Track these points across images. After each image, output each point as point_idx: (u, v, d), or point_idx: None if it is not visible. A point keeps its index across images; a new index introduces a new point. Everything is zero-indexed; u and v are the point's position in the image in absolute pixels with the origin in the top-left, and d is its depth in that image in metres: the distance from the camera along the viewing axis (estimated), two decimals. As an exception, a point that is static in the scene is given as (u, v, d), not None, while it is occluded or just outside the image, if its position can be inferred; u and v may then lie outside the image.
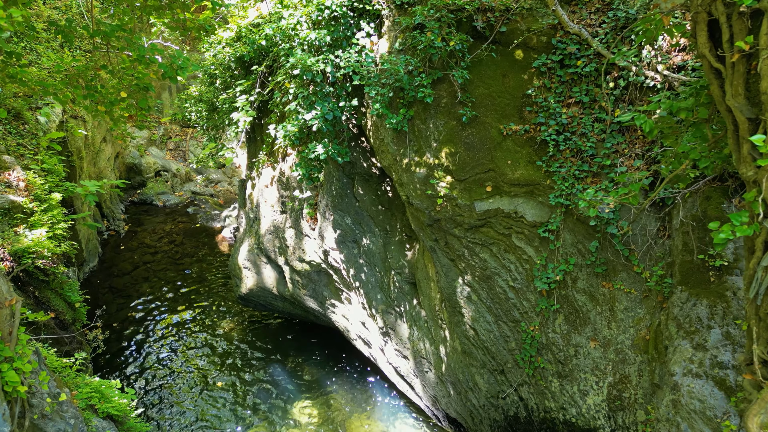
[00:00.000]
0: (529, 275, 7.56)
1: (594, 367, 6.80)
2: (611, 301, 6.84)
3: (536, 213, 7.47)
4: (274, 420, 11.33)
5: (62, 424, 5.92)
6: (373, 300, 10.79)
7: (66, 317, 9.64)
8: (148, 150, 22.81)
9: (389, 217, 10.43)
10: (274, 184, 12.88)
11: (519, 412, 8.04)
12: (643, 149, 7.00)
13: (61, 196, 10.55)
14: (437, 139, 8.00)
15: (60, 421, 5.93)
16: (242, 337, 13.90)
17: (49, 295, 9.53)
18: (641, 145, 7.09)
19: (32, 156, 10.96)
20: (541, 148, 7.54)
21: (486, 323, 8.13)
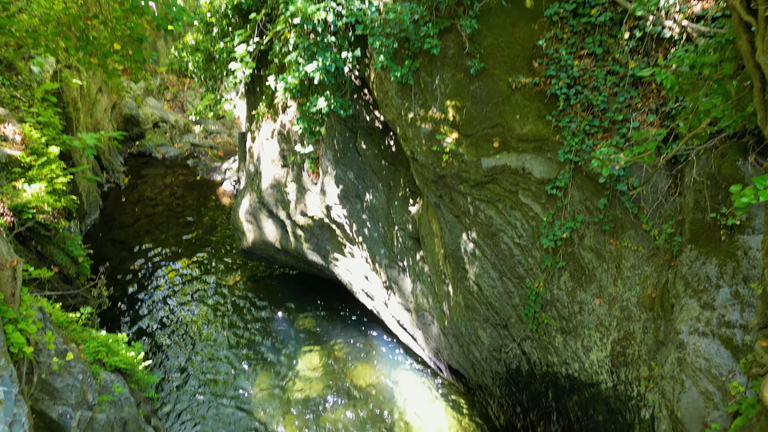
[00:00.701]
0: (534, 232, 7.48)
1: (598, 323, 6.82)
2: (618, 258, 6.78)
3: (544, 169, 7.31)
4: (278, 369, 11.54)
5: (70, 380, 5.98)
6: (377, 255, 10.78)
7: (70, 272, 9.64)
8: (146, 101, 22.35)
9: (393, 172, 10.27)
10: (274, 137, 12.65)
11: (521, 366, 8.14)
12: (657, 104, 6.78)
13: (58, 149, 10.35)
14: (443, 93, 7.75)
15: (68, 377, 5.98)
16: (246, 289, 14.00)
17: (52, 250, 9.50)
18: (655, 100, 6.86)
19: (27, 108, 10.69)
20: (551, 103, 7.30)
21: (490, 279, 8.12)
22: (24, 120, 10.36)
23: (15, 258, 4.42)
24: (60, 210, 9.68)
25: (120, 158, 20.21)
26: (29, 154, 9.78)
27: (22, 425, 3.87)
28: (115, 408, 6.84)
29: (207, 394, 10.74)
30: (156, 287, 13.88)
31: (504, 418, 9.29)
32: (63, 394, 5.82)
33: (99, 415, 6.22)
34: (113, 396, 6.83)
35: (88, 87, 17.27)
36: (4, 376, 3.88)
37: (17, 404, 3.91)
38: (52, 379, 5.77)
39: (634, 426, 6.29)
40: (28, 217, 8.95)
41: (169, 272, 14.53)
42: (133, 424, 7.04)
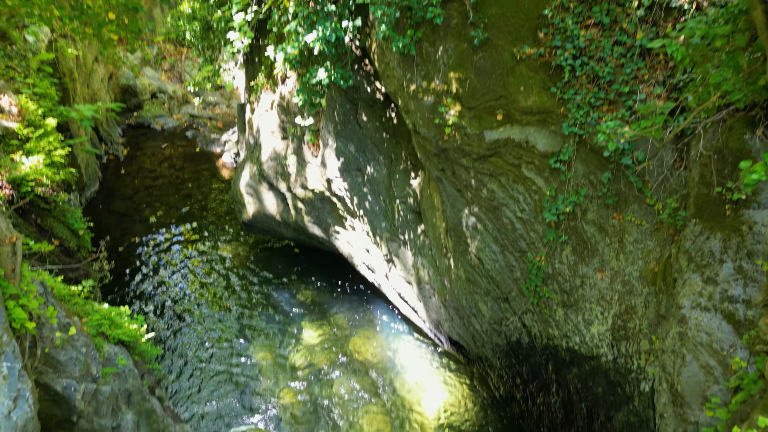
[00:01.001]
0: (537, 206, 7.43)
1: (600, 297, 6.83)
2: (621, 232, 6.75)
3: (548, 143, 7.22)
4: (280, 340, 11.65)
5: (74, 353, 6.02)
6: (378, 228, 10.75)
7: (70, 245, 9.63)
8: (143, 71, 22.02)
9: (394, 144, 10.16)
10: (274, 108, 12.48)
11: (522, 338, 8.20)
12: (664, 75, 6.64)
13: (56, 121, 10.22)
14: (446, 64, 7.60)
15: (72, 350, 6.02)
16: (246, 262, 14.03)
17: (52, 223, 9.47)
18: (663, 71, 6.72)
19: (23, 79, 10.51)
20: (556, 74, 7.16)
21: (491, 253, 8.10)
22: (20, 91, 10.20)
23: (14, 234, 4.38)
24: (59, 183, 9.61)
25: (118, 130, 20.02)
26: (26, 126, 9.66)
27: (26, 400, 3.89)
28: (119, 380, 6.90)
29: (209, 364, 10.86)
30: (157, 259, 13.91)
31: (503, 389, 9.40)
32: (67, 367, 5.86)
33: (103, 387, 6.27)
34: (117, 368, 6.89)
35: (84, 57, 16.99)
36: (7, 351, 3.88)
37: (21, 379, 3.92)
38: (55, 352, 5.80)
39: (633, 398, 6.36)
40: (27, 190, 8.89)
41: (170, 244, 14.54)
42: (137, 396, 7.11)
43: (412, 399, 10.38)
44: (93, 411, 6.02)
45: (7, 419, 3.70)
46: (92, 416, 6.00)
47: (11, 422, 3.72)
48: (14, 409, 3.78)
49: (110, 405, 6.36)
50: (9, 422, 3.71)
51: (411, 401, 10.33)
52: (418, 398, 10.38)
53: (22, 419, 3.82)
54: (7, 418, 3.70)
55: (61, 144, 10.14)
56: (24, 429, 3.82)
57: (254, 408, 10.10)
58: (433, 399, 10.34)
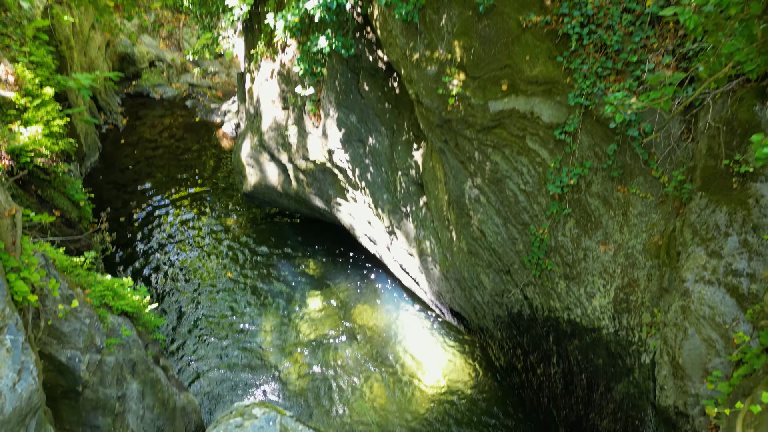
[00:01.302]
0: (541, 178, 7.36)
1: (602, 270, 6.81)
2: (625, 205, 6.69)
3: (553, 113, 7.10)
4: (282, 311, 11.73)
5: (77, 324, 6.05)
6: (379, 200, 10.70)
7: (72, 216, 9.60)
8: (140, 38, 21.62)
9: (396, 115, 10.02)
10: (274, 77, 12.29)
11: (523, 310, 8.22)
12: (674, 44, 6.48)
13: (53, 90, 10.07)
14: (450, 32, 7.42)
15: (75, 321, 6.04)
16: (248, 233, 14.03)
17: (53, 194, 9.42)
18: (672, 40, 6.55)
19: (18, 47, 10.32)
20: (563, 43, 6.99)
21: (494, 225, 8.06)
22: (16, 59, 10.02)
23: (14, 206, 4.34)
24: (58, 153, 9.52)
25: (117, 99, 19.79)
26: (24, 96, 9.53)
27: (30, 372, 3.91)
28: (124, 350, 6.96)
29: (212, 334, 10.96)
30: (158, 230, 13.91)
31: (504, 360, 9.49)
32: (71, 338, 5.90)
33: (108, 357, 6.33)
34: (121, 339, 6.94)
35: (81, 24, 16.67)
36: (10, 324, 3.88)
37: (24, 352, 3.93)
38: (59, 323, 5.83)
39: (633, 370, 6.40)
40: (26, 161, 8.81)
41: (171, 215, 14.52)
42: (142, 365, 7.19)
43: (413, 368, 10.50)
44: (98, 381, 6.09)
45: (11, 391, 3.72)
46: (97, 386, 6.06)
47: (16, 394, 3.74)
48: (19, 381, 3.79)
49: (115, 375, 6.43)
50: (14, 394, 3.73)
51: (412, 370, 10.45)
52: (419, 367, 10.50)
53: (27, 391, 3.84)
54: (12, 390, 3.72)
55: (60, 114, 10.01)
56: (29, 401, 3.85)
57: (258, 376, 10.22)
58: (434, 368, 10.46)
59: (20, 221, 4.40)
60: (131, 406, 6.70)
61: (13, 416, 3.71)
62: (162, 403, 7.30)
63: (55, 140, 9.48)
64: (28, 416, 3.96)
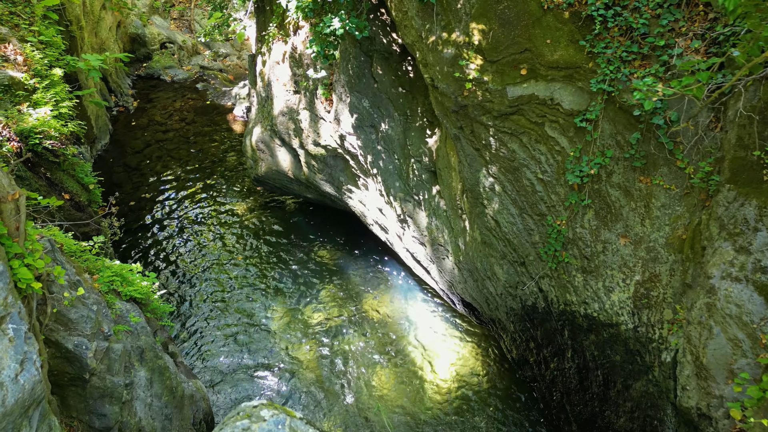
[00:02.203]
0: (560, 167, 7.12)
1: (622, 264, 6.59)
2: (648, 197, 6.44)
3: (574, 100, 6.83)
4: (292, 297, 11.63)
5: (85, 311, 5.95)
6: (391, 188, 10.50)
7: (81, 199, 9.51)
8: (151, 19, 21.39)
9: (410, 100, 9.78)
10: (285, 60, 12.06)
11: (537, 303, 8.03)
12: (704, 27, 6.17)
13: (62, 71, 9.93)
14: (468, 14, 7.14)
15: (82, 308, 5.95)
16: (258, 218, 13.92)
17: (62, 177, 9.32)
18: (702, 23, 6.24)
19: (28, 27, 10.16)
20: (586, 25, 6.70)
21: (509, 215, 7.85)
22: (25, 39, 9.87)
23: (17, 190, 4.20)
24: (68, 135, 9.40)
25: (128, 81, 19.65)
26: (32, 76, 9.39)
27: (33, 362, 3.79)
28: (132, 337, 6.88)
29: (221, 321, 10.89)
30: (168, 214, 13.83)
31: (516, 352, 9.33)
32: (78, 325, 5.81)
33: (115, 344, 6.24)
34: (129, 326, 6.85)
35: (92, 4, 16.49)
36: (13, 313, 3.76)
37: (28, 341, 3.82)
38: (66, 310, 5.73)
39: (653, 368, 6.21)
40: (34, 143, 8.70)
41: (181, 199, 14.42)
42: (150, 353, 7.11)
43: (424, 358, 10.38)
44: (105, 369, 6.01)
45: (14, 382, 3.61)
46: (104, 374, 5.98)
47: (18, 385, 3.63)
48: (21, 372, 3.68)
49: (122, 362, 6.35)
50: (16, 385, 3.62)
51: (423, 360, 10.33)
52: (430, 357, 10.37)
53: (30, 382, 3.73)
54: (14, 381, 3.62)
55: (69, 95, 9.88)
56: (32, 392, 3.74)
57: (267, 364, 10.15)
58: (445, 358, 10.33)
59: (24, 206, 4.26)
60: (139, 394, 6.63)
61: (16, 408, 3.61)
62: (170, 390, 7.23)
63: (64, 122, 9.36)
64: (31, 408, 3.85)
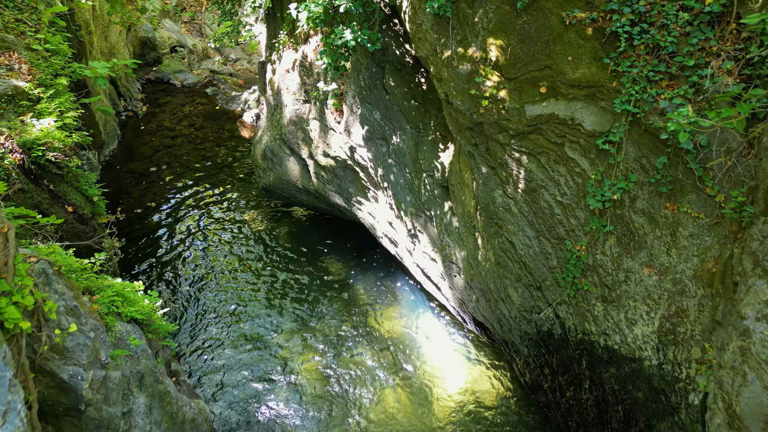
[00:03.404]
0: (580, 190, 6.78)
1: (646, 295, 6.24)
2: (674, 225, 6.09)
3: (596, 120, 6.50)
4: (299, 310, 11.37)
5: (81, 338, 5.71)
6: (402, 202, 10.19)
7: (85, 211, 9.29)
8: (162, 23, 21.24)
9: (423, 113, 9.47)
10: (296, 69, 11.79)
11: (554, 329, 7.69)
12: (736, 47, 5.82)
13: (67, 80, 9.73)
14: (486, 28, 6.83)
15: (79, 336, 5.71)
16: (267, 228, 13.66)
17: (65, 189, 9.11)
18: (734, 43, 5.89)
19: (33, 34, 9.97)
20: (610, 43, 6.36)
21: (525, 238, 7.52)
22: (31, 47, 9.68)
23: (6, 223, 3.95)
24: (72, 146, 9.19)
25: (137, 85, 19.50)
26: (37, 86, 9.19)
27: (17, 413, 3.53)
28: (131, 361, 6.63)
29: (228, 335, 10.64)
30: (175, 223, 13.61)
31: (530, 376, 8.99)
32: (74, 353, 5.56)
33: (113, 372, 5.99)
34: (129, 350, 6.61)
35: (101, 8, 16.34)
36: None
37: (12, 390, 3.56)
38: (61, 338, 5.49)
39: (680, 409, 5.86)
40: (37, 155, 8.49)
41: (188, 207, 14.21)
42: (150, 377, 6.86)
43: (433, 376, 10.07)
44: (102, 399, 5.76)
45: (-5, 436, 3.35)
46: (101, 404, 5.73)
47: (0, 439, 3.37)
48: (3, 424, 3.42)
49: (120, 390, 6.10)
50: (-3, 439, 3.36)
51: (432, 378, 10.02)
52: (439, 376, 10.07)
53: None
54: (-4, 435, 3.35)
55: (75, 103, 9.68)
56: (14, 445, 3.48)
57: (273, 379, 9.91)
58: (455, 378, 10.01)
59: (13, 239, 4.01)
60: (137, 422, 6.38)
61: (-3, 463, 3.35)
62: (170, 416, 6.98)
63: (69, 133, 9.15)
64: (15, 459, 3.59)
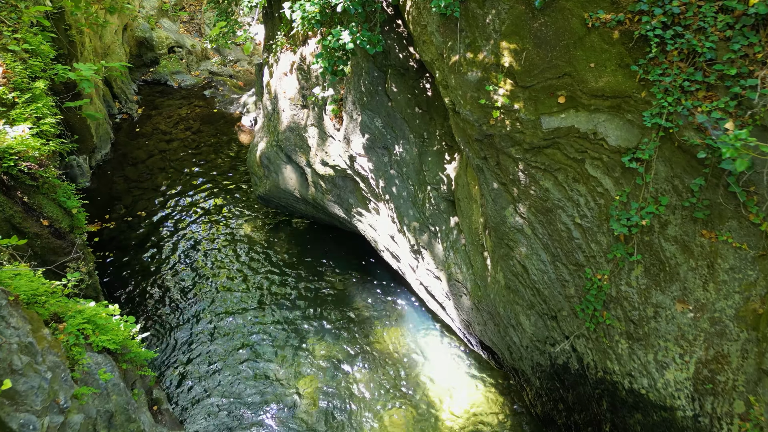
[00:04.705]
0: (602, 212, 6.05)
1: (679, 335, 5.50)
2: (712, 255, 5.35)
3: (622, 135, 5.77)
4: (296, 326, 10.70)
5: (36, 380, 5.03)
6: (405, 216, 9.48)
7: (62, 225, 8.63)
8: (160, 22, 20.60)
9: (427, 121, 8.76)
10: (293, 72, 11.10)
11: (570, 363, 6.96)
12: (786, 55, 5.07)
13: (46, 84, 9.07)
14: (498, 31, 6.11)
15: (33, 377, 5.03)
16: (262, 238, 12.98)
17: (41, 201, 8.45)
18: (783, 49, 5.14)
19: (11, 34, 9.32)
20: (639, 48, 5.63)
21: (540, 262, 6.79)
22: (7, 48, 9.02)
23: None
24: (49, 154, 8.52)
25: (133, 86, 18.87)
26: (12, 90, 8.54)
27: None
28: (100, 399, 5.96)
29: (220, 353, 9.98)
30: (168, 232, 12.95)
31: (541, 409, 8.25)
32: (26, 398, 4.88)
33: (74, 416, 5.31)
34: (97, 387, 5.94)
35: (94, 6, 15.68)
36: None
37: None
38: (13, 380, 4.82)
39: (719, 472, 5.14)
40: (9, 165, 7.83)
41: (182, 216, 13.55)
42: (121, 416, 6.18)
43: (437, 399, 9.38)
44: (58, 449, 5.08)
45: None
46: (57, 455, 5.06)
47: None
48: None
49: (83, 436, 5.42)
50: None
51: (436, 401, 9.32)
52: (443, 399, 9.37)
53: None
54: None
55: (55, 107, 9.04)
56: None
57: (268, 399, 9.26)
58: (461, 403, 9.30)
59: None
60: (103, 470, 5.70)
61: None
62: (143, 459, 6.29)
63: (46, 140, 8.49)
64: None
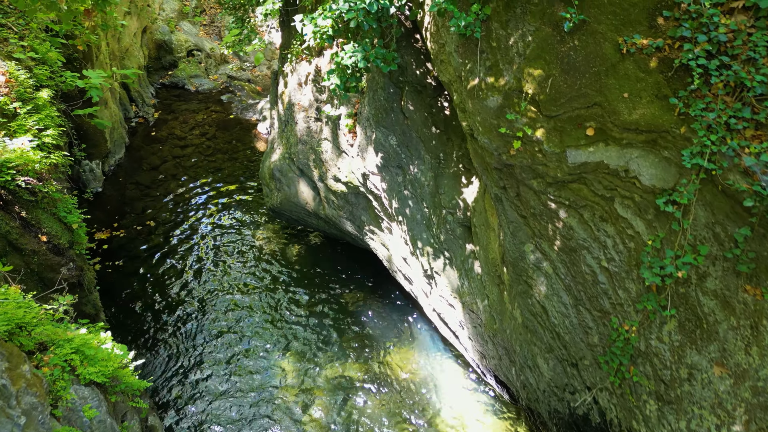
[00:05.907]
0: (632, 257, 5.47)
1: (716, 403, 4.91)
2: (756, 315, 4.75)
3: (657, 174, 5.20)
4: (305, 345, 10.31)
5: (8, 426, 4.66)
6: (418, 239, 8.98)
7: (61, 241, 8.33)
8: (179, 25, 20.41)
9: (444, 141, 8.26)
10: (308, 83, 10.69)
11: (591, 416, 6.39)
12: None
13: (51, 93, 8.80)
14: (522, 54, 5.58)
15: (4, 423, 4.66)
16: (274, 251, 12.60)
17: (39, 216, 8.16)
18: None
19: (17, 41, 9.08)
20: (679, 78, 5.05)
21: (561, 305, 6.23)
22: (12, 56, 8.78)
23: None
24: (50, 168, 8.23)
25: (150, 89, 18.69)
26: (14, 100, 8.27)
27: None
28: (82, 439, 5.60)
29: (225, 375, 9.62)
30: (178, 243, 12.65)
31: (558, 455, 7.68)
32: (-5, 447, 4.53)
33: (50, 464, 4.95)
34: (80, 426, 5.57)
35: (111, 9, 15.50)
36: None
37: None
38: (-19, 427, 4.47)
39: None
40: (6, 179, 7.55)
41: (194, 226, 13.24)
42: (105, 456, 5.82)
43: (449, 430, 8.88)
44: (29, 502, 4.71)
45: None
46: None
47: None
48: None
49: (59, 484, 5.06)
50: None
51: None
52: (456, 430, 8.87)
53: None
54: None
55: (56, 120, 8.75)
56: None
57: (274, 421, 8.88)
58: (472, 436, 8.80)
59: None
60: None
61: None
62: (127, 503, 5.92)
63: (47, 153, 8.20)
64: None
